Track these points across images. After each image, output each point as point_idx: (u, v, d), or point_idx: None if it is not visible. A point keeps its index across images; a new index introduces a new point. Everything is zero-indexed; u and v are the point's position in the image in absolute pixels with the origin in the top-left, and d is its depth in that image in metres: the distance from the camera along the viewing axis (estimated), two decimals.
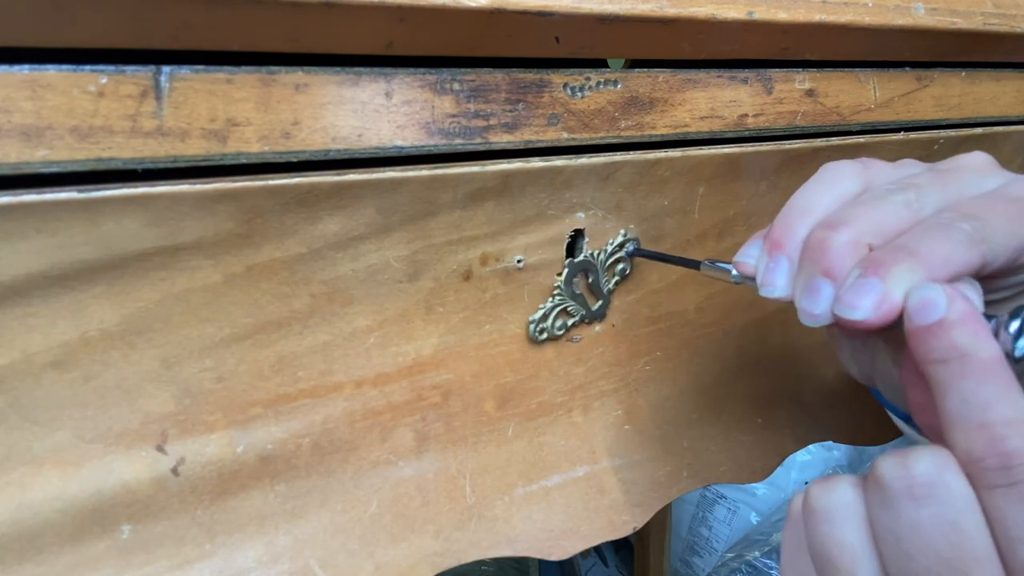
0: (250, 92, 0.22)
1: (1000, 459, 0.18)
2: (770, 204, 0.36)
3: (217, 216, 0.22)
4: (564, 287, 0.32)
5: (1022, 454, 0.17)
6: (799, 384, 0.42)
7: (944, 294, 0.20)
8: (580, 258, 0.32)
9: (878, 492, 0.19)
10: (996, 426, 0.18)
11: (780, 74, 0.33)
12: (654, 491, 0.36)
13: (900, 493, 0.19)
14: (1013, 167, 0.45)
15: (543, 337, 0.33)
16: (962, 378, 0.19)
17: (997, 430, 0.18)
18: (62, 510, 0.23)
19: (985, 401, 0.18)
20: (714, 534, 1.01)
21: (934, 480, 0.18)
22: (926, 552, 0.18)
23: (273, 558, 0.27)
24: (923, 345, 0.20)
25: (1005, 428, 0.18)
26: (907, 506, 0.19)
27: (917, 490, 0.19)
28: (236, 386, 0.25)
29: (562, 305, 0.33)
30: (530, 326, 0.32)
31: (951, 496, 0.18)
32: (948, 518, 0.18)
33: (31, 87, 0.19)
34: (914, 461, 0.19)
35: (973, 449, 0.18)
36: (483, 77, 0.25)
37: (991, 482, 0.18)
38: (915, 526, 0.18)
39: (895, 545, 0.19)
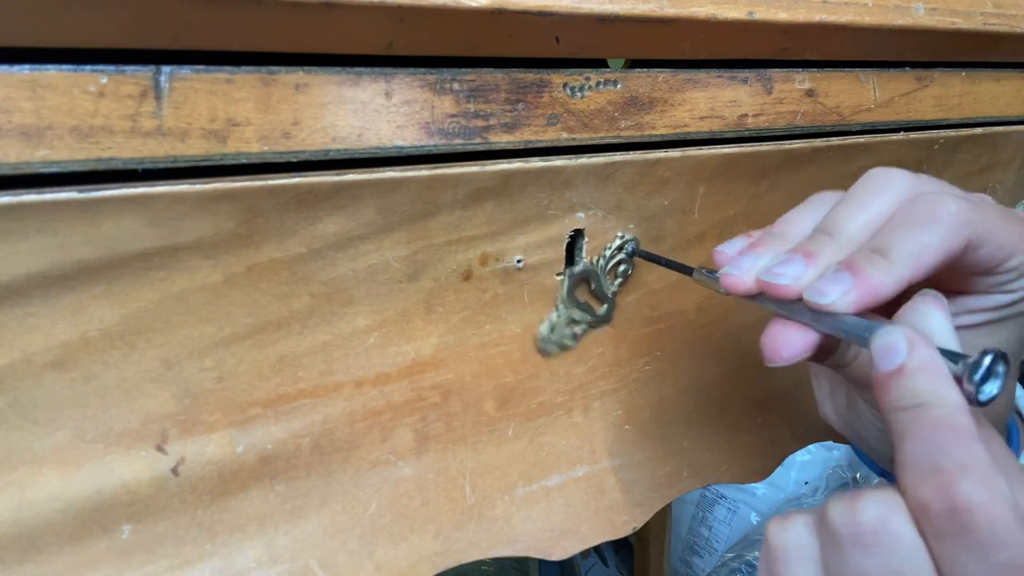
0: (250, 92, 0.22)
1: (950, 506, 0.17)
2: (770, 204, 0.36)
3: (217, 216, 0.22)
4: (567, 298, 0.32)
5: (971, 501, 0.17)
6: (799, 384, 0.42)
7: (905, 339, 0.20)
8: (579, 268, 0.32)
9: (828, 535, 0.20)
10: (948, 472, 0.18)
11: (780, 74, 0.33)
12: (654, 491, 0.36)
13: (847, 540, 0.19)
14: (1013, 167, 0.45)
15: (553, 350, 0.33)
16: (919, 424, 0.19)
17: (948, 476, 0.18)
18: (62, 510, 0.23)
19: (939, 447, 0.18)
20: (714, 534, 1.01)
21: (880, 528, 0.18)
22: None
23: (273, 558, 0.27)
24: (885, 393, 0.20)
25: (957, 474, 0.18)
26: (853, 553, 0.19)
27: (863, 538, 0.19)
28: (236, 386, 0.25)
29: (568, 315, 0.33)
30: (539, 342, 0.33)
31: (897, 544, 0.18)
32: (893, 567, 0.18)
33: (31, 87, 0.19)
34: (862, 507, 0.19)
35: (923, 495, 0.18)
36: (483, 77, 0.25)
37: (940, 529, 0.18)
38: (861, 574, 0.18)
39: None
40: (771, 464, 0.41)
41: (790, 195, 0.37)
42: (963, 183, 0.43)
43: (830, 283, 0.22)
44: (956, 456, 0.18)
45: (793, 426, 0.42)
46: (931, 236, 0.22)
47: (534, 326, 0.32)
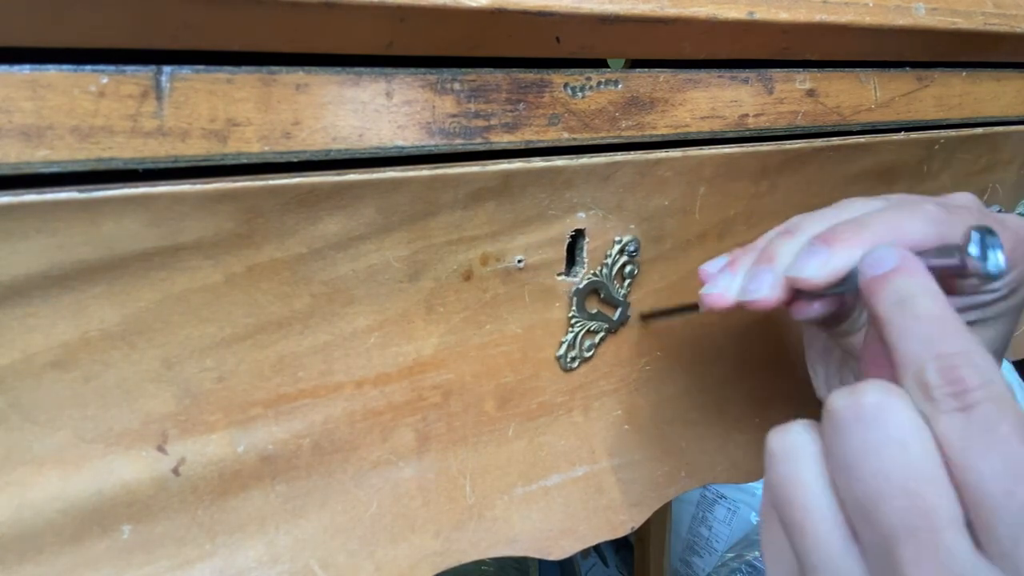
0: (250, 92, 0.22)
1: (955, 386, 0.18)
2: (771, 204, 0.36)
3: (217, 216, 0.22)
4: (579, 313, 0.33)
5: (972, 380, 0.18)
6: (798, 384, 0.42)
7: (894, 250, 0.22)
8: (585, 284, 0.32)
9: (829, 422, 0.20)
10: (951, 356, 0.19)
11: (781, 74, 0.33)
12: (652, 491, 0.36)
13: (849, 419, 0.19)
14: (1013, 167, 0.46)
15: (576, 364, 0.34)
16: (916, 315, 0.20)
17: (952, 360, 0.19)
18: (62, 510, 0.23)
19: (938, 334, 0.20)
20: (714, 534, 1.01)
21: (881, 403, 0.19)
22: (877, 475, 0.19)
23: (273, 558, 0.27)
24: (879, 291, 0.21)
25: (959, 358, 0.19)
26: (856, 429, 0.19)
27: (865, 412, 0.19)
28: (237, 386, 0.25)
29: (584, 329, 0.33)
30: (559, 360, 0.33)
31: (899, 418, 0.19)
32: (895, 438, 0.19)
33: (32, 87, 0.19)
34: (862, 390, 0.20)
35: (928, 379, 0.19)
36: (484, 77, 0.25)
37: (945, 407, 0.19)
38: (864, 449, 0.19)
39: (848, 472, 0.19)
40: None
41: (790, 195, 0.37)
42: (963, 183, 0.44)
43: (808, 256, 0.24)
44: (956, 343, 0.19)
45: None
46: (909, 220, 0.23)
47: (535, 326, 0.32)
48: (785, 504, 0.21)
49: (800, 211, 0.38)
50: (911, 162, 0.40)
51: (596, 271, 0.32)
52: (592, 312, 0.33)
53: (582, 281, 0.32)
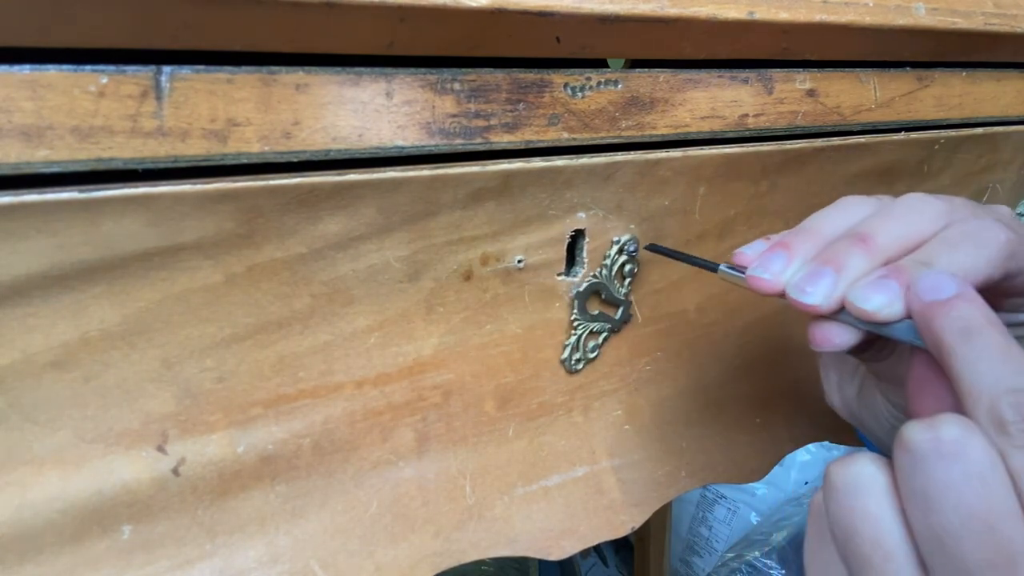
0: (250, 92, 0.22)
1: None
2: (771, 204, 0.36)
3: (218, 216, 0.22)
4: (580, 315, 0.33)
5: None
6: (798, 384, 0.42)
7: (952, 277, 0.21)
8: (585, 286, 0.32)
9: (907, 456, 0.20)
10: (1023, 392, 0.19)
11: (781, 74, 0.33)
12: (652, 491, 0.36)
13: (930, 453, 0.19)
14: (1013, 167, 0.45)
15: (581, 366, 0.34)
16: (984, 347, 0.20)
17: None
18: (62, 510, 0.23)
19: (1011, 369, 0.19)
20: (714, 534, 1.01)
21: (961, 439, 0.19)
22: (957, 509, 0.18)
23: (273, 558, 0.27)
24: (940, 317, 0.21)
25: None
26: (937, 465, 0.19)
27: (945, 447, 0.19)
28: (237, 386, 0.25)
29: (587, 330, 0.33)
30: (564, 363, 0.33)
31: (978, 454, 0.19)
32: (976, 473, 0.18)
33: (31, 87, 0.19)
34: (941, 423, 0.19)
35: (1004, 414, 0.19)
36: (483, 77, 0.25)
37: (1020, 442, 0.18)
38: (946, 484, 0.19)
39: (925, 505, 0.19)
40: (769, 464, 0.41)
41: (791, 195, 0.37)
42: (964, 183, 0.44)
43: (875, 289, 0.22)
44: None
45: (791, 426, 0.42)
46: (977, 260, 0.22)
47: (535, 326, 0.32)
48: (852, 537, 0.20)
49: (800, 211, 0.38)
50: (911, 162, 0.40)
51: (596, 272, 0.32)
52: (594, 313, 0.33)
53: (582, 283, 0.32)
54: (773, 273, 0.24)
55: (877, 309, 0.22)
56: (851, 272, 0.23)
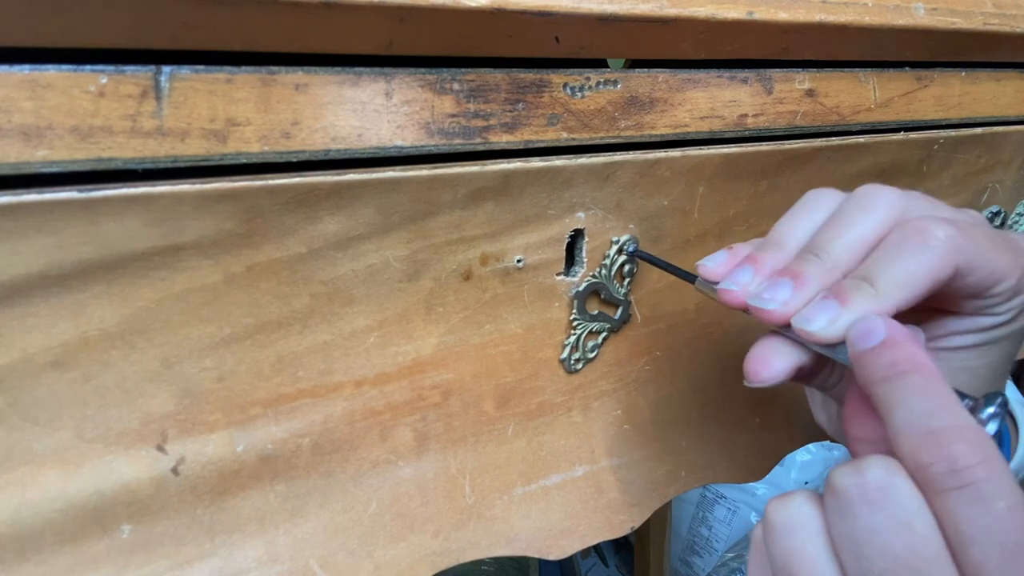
0: (250, 92, 0.22)
1: (948, 463, 0.18)
2: (770, 204, 0.36)
3: (217, 216, 0.22)
4: (580, 315, 0.33)
5: (967, 457, 0.18)
6: (796, 385, 0.42)
7: (883, 321, 0.22)
8: (584, 286, 0.32)
9: (834, 500, 0.20)
10: (942, 433, 0.19)
11: (780, 74, 0.33)
12: (652, 491, 0.36)
13: (855, 499, 0.20)
14: (1013, 167, 0.46)
15: (580, 366, 0.34)
16: (906, 392, 0.20)
17: (943, 436, 0.19)
18: (62, 510, 0.23)
19: (929, 411, 0.19)
20: (714, 534, 1.01)
21: (886, 484, 0.19)
22: (884, 554, 0.19)
23: (273, 558, 0.27)
24: (868, 366, 0.21)
25: (950, 434, 0.19)
26: (863, 511, 0.19)
27: (871, 494, 0.19)
28: (236, 386, 0.25)
29: (586, 330, 0.33)
30: (563, 363, 0.33)
31: (903, 498, 0.19)
32: (902, 519, 0.19)
33: (31, 87, 0.19)
34: (866, 468, 0.20)
35: (921, 456, 0.19)
36: (483, 77, 0.25)
37: (941, 486, 0.18)
38: (871, 530, 0.19)
39: (854, 550, 0.19)
40: (768, 464, 0.41)
41: (790, 195, 0.37)
42: (963, 183, 0.44)
43: (817, 310, 0.23)
44: (947, 418, 0.19)
45: (791, 426, 0.42)
46: (919, 265, 0.22)
47: (535, 326, 0.32)
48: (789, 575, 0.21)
49: None
50: (911, 162, 0.40)
51: (595, 272, 0.32)
52: (593, 313, 0.33)
53: (582, 283, 0.32)
54: (741, 285, 0.25)
55: (819, 330, 0.23)
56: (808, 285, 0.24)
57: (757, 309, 0.24)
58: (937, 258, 0.22)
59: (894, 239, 0.23)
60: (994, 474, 0.18)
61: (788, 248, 0.26)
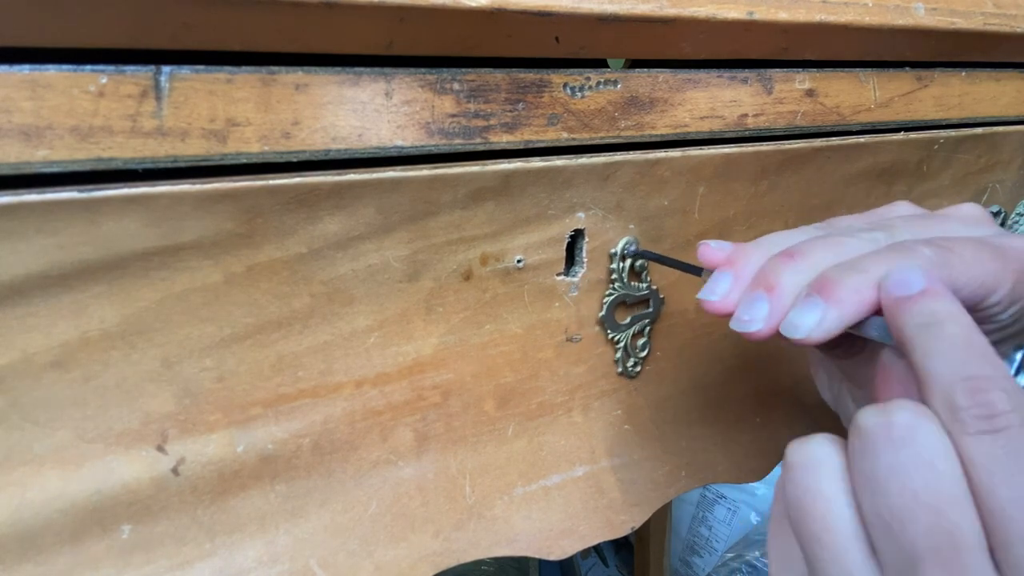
0: (250, 92, 0.22)
1: (985, 409, 0.19)
2: (770, 204, 0.36)
3: (217, 216, 0.22)
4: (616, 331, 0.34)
5: (1004, 405, 0.18)
6: (797, 384, 0.42)
7: (921, 271, 0.21)
8: (605, 309, 0.33)
9: (858, 439, 0.20)
10: (980, 380, 0.19)
11: (780, 74, 0.33)
12: (652, 491, 0.36)
13: (880, 437, 0.19)
14: (1013, 167, 0.46)
15: (639, 368, 0.35)
16: (945, 340, 0.20)
17: (982, 383, 0.19)
18: (62, 510, 0.23)
19: (968, 359, 0.20)
20: (714, 534, 1.01)
21: (912, 424, 0.19)
22: (902, 492, 0.19)
23: (273, 558, 0.27)
24: (905, 313, 0.21)
25: (988, 382, 0.19)
26: (886, 449, 0.19)
27: (896, 432, 0.19)
28: (236, 386, 0.25)
29: (628, 337, 0.34)
30: (623, 372, 0.35)
31: (928, 440, 0.19)
32: (925, 458, 0.19)
33: (31, 87, 0.19)
34: (894, 408, 0.20)
35: (958, 399, 0.19)
36: (483, 77, 0.25)
37: (976, 429, 0.19)
38: (893, 467, 0.19)
39: (875, 488, 0.19)
40: (769, 464, 0.41)
41: (790, 195, 0.37)
42: (963, 183, 0.44)
43: (802, 314, 0.23)
44: (986, 367, 0.19)
45: (792, 425, 0.42)
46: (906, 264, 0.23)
47: (535, 326, 0.32)
48: (803, 515, 0.20)
49: (799, 211, 0.38)
50: (911, 162, 0.40)
51: (612, 287, 0.33)
52: (627, 322, 0.34)
53: (602, 309, 0.33)
54: (720, 295, 0.25)
55: (808, 334, 0.22)
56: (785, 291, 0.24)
57: (743, 334, 0.24)
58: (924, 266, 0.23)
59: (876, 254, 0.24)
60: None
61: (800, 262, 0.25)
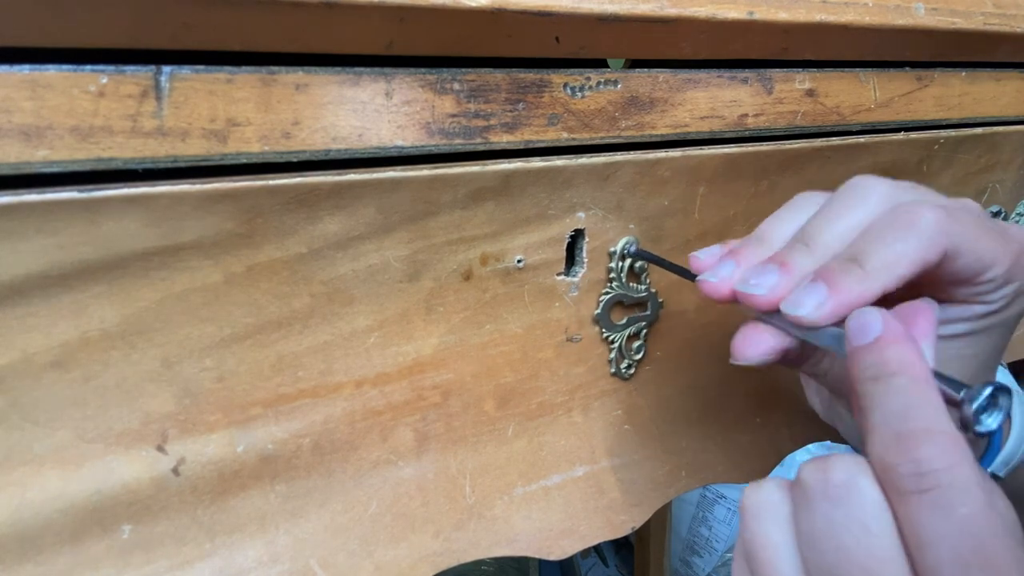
0: (250, 92, 0.22)
1: (913, 466, 0.18)
2: (770, 204, 0.36)
3: (217, 216, 0.22)
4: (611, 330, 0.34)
5: (933, 462, 0.18)
6: (797, 384, 0.42)
7: (880, 317, 0.21)
8: (602, 307, 0.33)
9: (799, 493, 0.20)
10: (912, 435, 0.19)
11: (780, 74, 0.33)
12: (653, 491, 0.36)
13: (817, 494, 0.20)
14: (1013, 167, 0.46)
15: (632, 370, 0.35)
16: (887, 392, 0.20)
17: (912, 438, 0.19)
18: (62, 510, 0.23)
19: (904, 412, 0.19)
20: (714, 534, 1.01)
21: (848, 483, 0.19)
22: (838, 551, 0.19)
23: (273, 558, 0.27)
24: (858, 364, 0.21)
25: (919, 436, 0.19)
26: (822, 506, 0.20)
27: (832, 491, 0.19)
28: (236, 386, 0.25)
29: (623, 338, 0.34)
30: (616, 374, 0.35)
31: (863, 499, 0.19)
32: (859, 518, 0.19)
33: (31, 87, 0.19)
34: (831, 465, 0.20)
35: (888, 457, 0.19)
36: (483, 77, 0.25)
37: (904, 488, 0.18)
38: (829, 525, 0.19)
39: (812, 543, 0.20)
40: (769, 464, 0.41)
41: (790, 195, 0.36)
42: (963, 183, 0.44)
43: (805, 294, 0.23)
44: (921, 421, 0.19)
45: (791, 426, 0.42)
46: (906, 245, 0.22)
47: (535, 326, 0.32)
48: (753, 559, 0.21)
49: None
50: (911, 162, 0.40)
51: (609, 286, 0.33)
52: (623, 322, 0.34)
53: (598, 307, 0.33)
54: (721, 277, 0.25)
55: (807, 314, 0.23)
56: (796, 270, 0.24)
57: (744, 295, 0.24)
58: (926, 239, 0.22)
59: (882, 221, 0.23)
60: (959, 479, 0.18)
61: (773, 244, 0.26)
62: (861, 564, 0.18)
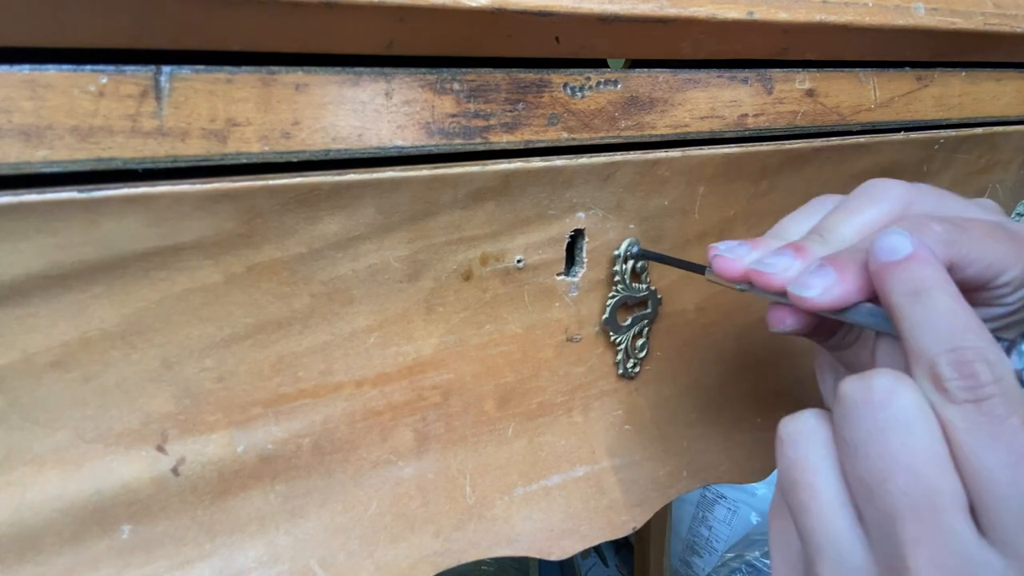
0: (250, 92, 0.22)
1: (970, 380, 0.19)
2: (770, 204, 0.36)
3: (217, 216, 0.22)
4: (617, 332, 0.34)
5: (987, 376, 0.19)
6: (798, 384, 0.42)
7: (909, 236, 0.21)
8: (608, 311, 0.33)
9: (840, 405, 0.21)
10: (966, 351, 0.19)
11: (780, 74, 0.33)
12: (653, 491, 0.36)
13: (859, 401, 0.20)
14: (1013, 167, 0.46)
15: (638, 368, 0.36)
16: (933, 308, 0.20)
17: (967, 355, 0.19)
18: (62, 510, 0.23)
19: (955, 329, 0.20)
20: (714, 534, 1.01)
21: (891, 388, 0.20)
22: (882, 454, 0.19)
23: (273, 558, 0.27)
24: (892, 279, 0.21)
25: (974, 354, 0.19)
26: (865, 412, 0.20)
27: (875, 395, 0.20)
28: (236, 386, 0.25)
29: (628, 339, 0.34)
30: (623, 373, 0.35)
31: (906, 403, 0.19)
32: (902, 420, 0.19)
33: (31, 87, 0.19)
34: (873, 374, 0.20)
35: (942, 371, 0.19)
36: (483, 77, 0.25)
37: (958, 399, 0.19)
38: (872, 430, 0.19)
39: (855, 452, 0.20)
40: (770, 464, 0.41)
41: (790, 195, 0.37)
42: (963, 183, 0.44)
43: (814, 276, 0.23)
44: (971, 338, 0.19)
45: None
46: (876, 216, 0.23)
47: (535, 326, 0.32)
48: (792, 487, 0.21)
49: None
50: (911, 162, 0.40)
51: (615, 289, 0.33)
52: (627, 323, 0.34)
53: (605, 311, 0.33)
54: (737, 255, 0.25)
55: (814, 296, 0.23)
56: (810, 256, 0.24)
57: (756, 272, 0.24)
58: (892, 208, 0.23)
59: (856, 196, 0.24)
60: (1009, 393, 0.18)
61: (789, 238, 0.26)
62: (906, 464, 0.19)
